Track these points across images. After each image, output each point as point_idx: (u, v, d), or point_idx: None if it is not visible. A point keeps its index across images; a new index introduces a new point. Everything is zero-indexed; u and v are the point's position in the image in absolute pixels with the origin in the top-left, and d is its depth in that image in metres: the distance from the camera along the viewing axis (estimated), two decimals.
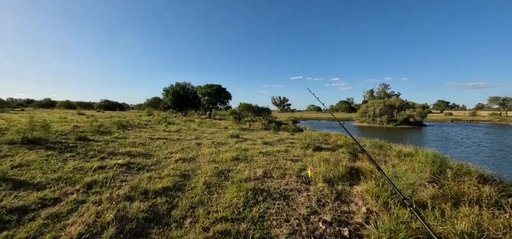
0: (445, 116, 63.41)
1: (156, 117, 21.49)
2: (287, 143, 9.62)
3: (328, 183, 4.40)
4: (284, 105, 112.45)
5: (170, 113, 30.32)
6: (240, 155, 6.21)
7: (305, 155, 7.12)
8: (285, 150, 7.70)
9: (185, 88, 34.00)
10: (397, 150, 8.83)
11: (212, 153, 6.43)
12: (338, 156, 7.15)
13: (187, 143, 8.17)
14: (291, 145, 9.08)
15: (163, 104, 34.65)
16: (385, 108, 38.57)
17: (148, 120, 17.45)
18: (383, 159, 7.40)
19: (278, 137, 11.44)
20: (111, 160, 5.13)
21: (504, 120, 50.49)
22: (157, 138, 8.62)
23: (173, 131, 11.48)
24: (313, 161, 6.14)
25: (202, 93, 31.45)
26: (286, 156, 6.68)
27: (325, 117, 68.75)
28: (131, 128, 11.28)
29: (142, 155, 5.87)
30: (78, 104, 63.09)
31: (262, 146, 8.32)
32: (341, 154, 7.59)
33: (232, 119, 22.49)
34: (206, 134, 11.47)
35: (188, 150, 6.83)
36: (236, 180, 4.13)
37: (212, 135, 10.90)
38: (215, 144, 8.14)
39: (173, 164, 5.12)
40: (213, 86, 31.28)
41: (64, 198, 3.11)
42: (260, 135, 12.23)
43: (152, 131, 11.05)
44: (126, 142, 7.30)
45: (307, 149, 8.21)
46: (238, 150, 6.93)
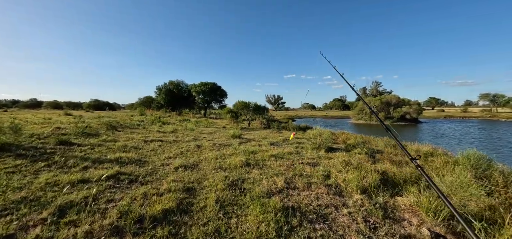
0: (438, 113, 64.22)
1: (149, 117, 20.33)
2: (293, 143, 8.83)
3: (364, 194, 3.62)
4: (278, 104, 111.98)
5: (164, 112, 29.06)
6: (250, 159, 5.36)
7: (319, 157, 6.35)
8: (296, 152, 6.91)
9: (179, 87, 32.75)
10: (414, 148, 8.19)
11: (216, 157, 5.54)
12: (354, 157, 6.41)
13: (185, 145, 7.24)
14: (299, 145, 8.30)
15: (156, 104, 33.30)
16: (382, 106, 38.43)
17: (140, 120, 16.34)
18: (403, 160, 6.70)
19: (282, 137, 10.64)
20: (96, 169, 4.18)
21: (495, 116, 51.44)
22: (152, 140, 7.66)
23: (169, 131, 10.50)
24: (334, 164, 5.36)
25: (196, 91, 30.31)
26: (300, 159, 5.88)
27: (320, 115, 68.70)
28: (122, 129, 10.23)
29: (135, 161, 4.93)
30: (66, 104, 60.59)
31: (270, 147, 7.50)
32: (358, 155, 6.85)
33: (229, 118, 21.56)
34: (205, 134, 10.55)
35: (188, 154, 5.92)
36: (256, 194, 3.28)
37: (212, 136, 9.99)
38: (217, 146, 7.26)
39: (173, 174, 4.22)
40: (208, 84, 30.20)
41: (20, 235, 2.18)
42: (262, 135, 11.41)
43: (145, 132, 10.04)
44: (116, 146, 6.32)
45: (319, 149, 7.44)
46: (245, 153, 6.07)
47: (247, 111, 17.35)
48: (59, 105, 58.73)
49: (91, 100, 62.62)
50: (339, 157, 6.37)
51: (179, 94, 32.38)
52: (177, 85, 32.63)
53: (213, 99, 32.82)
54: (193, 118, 21.06)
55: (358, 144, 8.92)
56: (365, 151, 7.31)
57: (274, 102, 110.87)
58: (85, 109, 49.95)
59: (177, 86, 32.38)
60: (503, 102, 59.85)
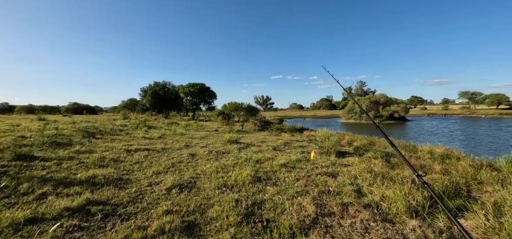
0: (421, 111, 66.34)
1: (133, 121, 18.80)
2: (297, 147, 8.02)
3: (418, 217, 2.82)
4: (267, 104, 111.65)
5: (149, 115, 27.38)
6: (259, 172, 4.43)
7: (333, 164, 5.55)
8: (305, 158, 6.06)
9: (165, 88, 31.08)
10: (427, 150, 7.60)
11: (217, 170, 4.56)
12: (369, 162, 5.67)
13: (177, 154, 6.18)
14: (302, 150, 7.49)
15: (141, 106, 31.40)
16: (371, 105, 38.77)
17: (123, 124, 14.89)
18: (418, 163, 6.05)
19: (281, 140, 9.79)
20: (58, 197, 3.08)
21: (474, 113, 53.85)
22: (136, 149, 6.51)
23: (156, 137, 9.32)
24: (357, 173, 4.56)
25: (184, 93, 28.87)
26: (314, 168, 5.04)
27: (309, 115, 68.89)
28: (101, 136, 8.93)
29: (114, 181, 3.84)
30: (42, 108, 56.39)
31: (274, 153, 6.61)
32: (373, 160, 6.12)
33: (220, 120, 20.46)
34: (197, 139, 9.47)
35: (181, 167, 4.89)
36: (286, 230, 2.36)
37: (205, 141, 8.95)
38: (214, 154, 6.26)
39: (165, 198, 3.20)
40: (196, 85, 28.85)
41: None
42: (260, 138, 10.51)
43: (129, 138, 8.81)
44: (91, 159, 5.15)
45: (328, 154, 6.66)
46: (250, 163, 5.14)
47: (240, 113, 16.37)
48: (33, 109, 54.61)
49: (70, 104, 58.76)
50: (355, 164, 5.61)
51: (165, 96, 30.73)
52: (163, 86, 30.96)
53: (202, 101, 31.51)
54: (182, 121, 19.76)
55: (365, 146, 8.26)
56: (380, 155, 6.59)
57: (263, 103, 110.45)
58: (63, 113, 46.66)
59: (163, 88, 30.71)
60: (481, 99, 62.90)
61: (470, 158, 6.17)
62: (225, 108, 20.23)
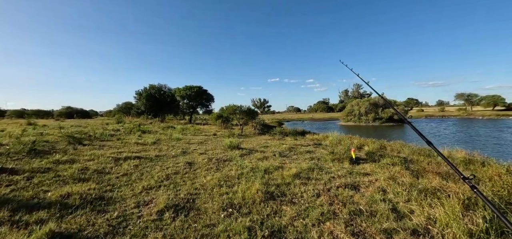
0: (418, 112, 66.43)
1: (127, 125, 17.97)
2: (303, 153, 7.36)
3: None
4: (264, 107, 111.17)
5: (145, 119, 26.51)
6: (270, 186, 3.73)
7: (350, 173, 4.89)
8: (317, 166, 5.39)
9: (161, 91, 30.25)
10: (445, 154, 7.00)
11: (219, 183, 3.86)
12: (388, 170, 5.04)
13: (172, 163, 5.45)
14: (311, 156, 6.84)
15: (136, 110, 30.48)
16: (370, 107, 38.44)
17: (116, 128, 14.05)
18: (442, 169, 5.43)
19: (285, 144, 9.12)
20: (10, 230, 2.34)
21: (471, 114, 54.05)
22: (126, 158, 5.75)
23: (150, 143, 8.56)
24: (383, 184, 3.89)
25: (181, 96, 28.08)
26: (332, 179, 4.37)
27: (307, 117, 68.61)
28: (90, 142, 8.14)
29: (92, 202, 3.10)
30: (34, 112, 54.99)
31: (280, 160, 5.93)
32: (392, 167, 5.48)
33: (218, 124, 19.73)
34: (195, 144, 8.74)
35: (177, 180, 4.16)
36: None
37: (204, 146, 8.22)
38: (215, 162, 5.54)
39: (155, 229, 2.47)
40: (194, 88, 28.11)
41: None
42: (261, 142, 9.83)
43: (120, 144, 8.04)
44: (70, 171, 4.39)
45: (341, 161, 6.00)
46: (257, 173, 4.44)
47: (239, 116, 15.66)
48: (25, 113, 53.10)
49: (63, 108, 57.35)
50: (375, 172, 4.95)
51: (161, 99, 29.89)
52: (159, 89, 30.14)
53: (199, 104, 30.74)
54: (178, 125, 18.97)
55: (377, 151, 7.63)
56: (399, 161, 5.96)
57: (260, 105, 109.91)
58: (55, 117, 45.38)
59: (159, 91, 29.88)
60: (477, 101, 63.24)
61: (496, 162, 5.57)
62: (223, 112, 19.52)
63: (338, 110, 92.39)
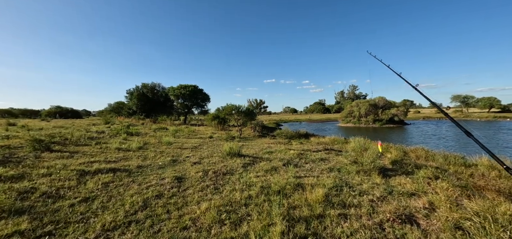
0: (415, 114, 66.17)
1: (115, 126, 16.55)
2: (316, 161, 6.22)
3: None
4: (261, 108, 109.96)
5: (136, 120, 25.01)
6: (299, 226, 2.52)
7: (389, 192, 3.74)
8: (345, 183, 4.22)
9: (154, 90, 28.80)
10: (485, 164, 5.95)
11: (220, 219, 2.64)
12: (434, 186, 3.93)
13: (156, 179, 4.20)
14: (326, 164, 5.71)
15: (127, 110, 28.91)
16: (370, 108, 37.63)
17: (101, 130, 12.66)
18: (492, 184, 4.37)
19: (292, 149, 7.96)
20: None
21: (468, 116, 53.94)
22: (97, 171, 4.48)
23: (135, 148, 7.26)
24: (458, 217, 2.74)
25: (175, 95, 26.67)
26: (374, 205, 3.20)
27: (304, 119, 67.70)
28: (62, 147, 6.81)
29: None
30: (21, 112, 52.71)
31: (294, 172, 4.73)
32: (435, 182, 4.38)
33: (214, 125, 18.45)
34: (188, 150, 7.48)
35: (157, 209, 2.91)
36: None
37: (198, 153, 6.98)
38: (212, 178, 4.31)
39: None
40: (189, 87, 26.73)
41: None
42: (264, 147, 8.65)
43: (97, 151, 6.72)
44: (2, 197, 3.10)
45: (369, 173, 4.86)
46: (271, 198, 3.24)
47: (237, 117, 14.42)
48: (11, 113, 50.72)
49: (52, 107, 55.11)
50: (425, 193, 3.81)
51: (154, 98, 28.44)
52: (152, 88, 28.68)
53: (194, 104, 29.35)
54: (171, 126, 17.62)
55: (401, 158, 6.52)
56: (441, 174, 4.85)
57: (257, 106, 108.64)
58: (43, 117, 43.31)
59: (152, 90, 28.43)
60: (473, 102, 63.34)
61: None
62: (220, 112, 18.25)
63: (334, 111, 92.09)
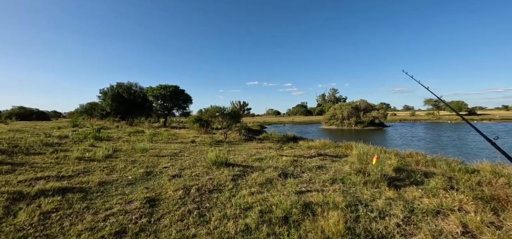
0: (392, 117, 69.31)
1: (84, 129, 14.82)
2: (313, 169, 5.56)
3: None
4: (244, 110, 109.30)
5: (111, 122, 22.97)
6: None
7: (409, 210, 3.14)
8: (357, 199, 3.56)
9: (131, 90, 26.78)
10: (487, 169, 5.66)
11: None
12: (454, 201, 3.42)
13: (120, 203, 3.22)
14: (326, 173, 5.07)
15: (100, 111, 26.56)
16: (352, 111, 38.39)
17: (65, 134, 11.06)
18: (498, 192, 4.00)
19: (284, 155, 7.27)
20: None
21: (439, 118, 57.49)
22: (39, 193, 3.38)
23: (100, 157, 6.10)
24: None
25: (154, 96, 24.95)
26: (402, 231, 2.54)
27: (288, 121, 68.02)
28: (6, 158, 5.47)
29: None
30: None
31: (295, 185, 3.98)
32: (451, 194, 3.88)
33: (197, 127, 17.31)
34: (166, 158, 6.46)
35: None
36: None
37: (178, 161, 6.00)
38: (195, 199, 3.42)
39: None
40: (169, 88, 25.16)
41: None
42: (252, 152, 7.90)
43: (51, 162, 5.49)
44: None
45: (377, 184, 4.28)
46: (275, 229, 2.44)
47: (222, 119, 13.47)
48: None
49: (14, 108, 49.78)
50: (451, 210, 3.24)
51: (131, 99, 26.43)
52: (129, 88, 26.64)
53: (175, 106, 27.74)
54: (149, 129, 16.19)
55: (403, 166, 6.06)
56: (455, 186, 4.38)
57: (240, 108, 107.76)
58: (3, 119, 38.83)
59: (128, 90, 26.39)
60: (444, 106, 67.81)
61: None
62: (203, 115, 17.15)
63: (316, 113, 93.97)
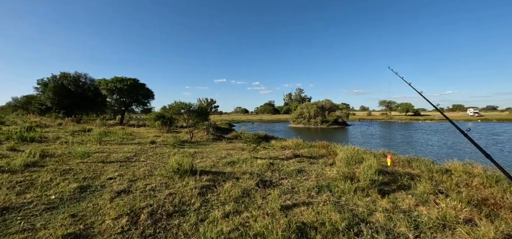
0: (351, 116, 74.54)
1: (13, 127, 12.02)
2: (294, 174, 4.99)
3: None
4: (211, 108, 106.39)
5: (53, 119, 19.41)
6: None
7: (415, 227, 2.68)
8: (361, 219, 2.98)
9: (79, 82, 23.20)
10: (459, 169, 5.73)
11: None
12: (449, 208, 3.14)
13: None
14: (308, 179, 4.52)
15: (38, 105, 22.37)
16: (318, 110, 39.81)
17: None
18: (477, 194, 3.95)
19: (259, 158, 6.57)
20: None
21: (392, 118, 63.69)
22: None
23: (18, 166, 4.52)
24: None
25: (108, 89, 21.91)
26: None
27: (256, 119, 68.17)
28: None
29: None
30: None
31: (278, 198, 3.25)
32: (446, 201, 3.63)
33: (158, 126, 15.53)
34: (114, 164, 5.15)
35: None
36: None
37: (130, 169, 4.79)
38: (145, 228, 2.43)
39: None
40: (126, 81, 22.38)
41: None
42: (222, 154, 7.05)
43: None
44: None
45: (366, 193, 3.83)
46: None
47: (187, 117, 12.14)
48: None
49: None
50: (453, 227, 2.85)
51: (79, 92, 22.90)
52: (76, 80, 23.04)
53: (134, 101, 24.92)
54: (100, 128, 13.91)
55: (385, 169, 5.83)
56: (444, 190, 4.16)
57: (207, 105, 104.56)
58: None
59: (75, 81, 22.79)
60: (395, 107, 75.64)
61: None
62: (166, 111, 15.45)
63: (283, 112, 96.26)
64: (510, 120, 46.74)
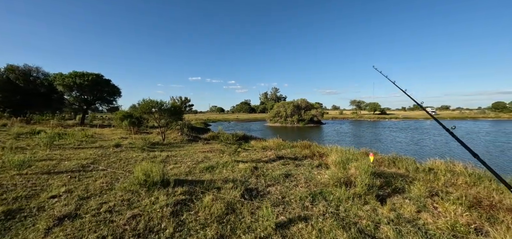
0: (325, 115, 77.38)
1: None
2: (281, 180, 4.55)
3: None
4: (186, 106, 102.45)
5: None
6: None
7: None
8: (358, 229, 2.55)
9: (30, 77, 20.21)
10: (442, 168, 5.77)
11: None
12: (451, 213, 2.92)
13: None
14: (298, 186, 4.09)
15: None
16: (294, 109, 40.28)
17: None
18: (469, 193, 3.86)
19: (241, 162, 5.99)
20: None
21: (361, 117, 67.39)
22: None
23: None
24: None
25: (65, 85, 19.33)
26: None
27: (233, 118, 67.13)
28: None
29: None
30: None
31: (275, 214, 2.71)
32: (445, 205, 3.43)
33: (126, 126, 14.03)
34: (63, 175, 4.16)
35: None
36: None
37: (83, 182, 3.86)
38: None
39: None
40: (88, 76, 19.98)
41: None
42: (199, 158, 6.35)
43: None
44: None
45: (363, 199, 3.48)
46: None
47: (160, 116, 11.00)
48: None
49: None
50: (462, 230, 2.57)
51: (30, 88, 19.95)
52: (26, 73, 20.02)
53: (98, 99, 22.46)
54: (55, 129, 12.04)
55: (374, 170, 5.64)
56: (440, 192, 3.97)
57: (181, 104, 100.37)
58: None
59: (24, 76, 19.79)
60: (364, 106, 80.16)
61: None
62: (135, 110, 13.99)
63: (259, 111, 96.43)
64: (460, 118, 52.60)
